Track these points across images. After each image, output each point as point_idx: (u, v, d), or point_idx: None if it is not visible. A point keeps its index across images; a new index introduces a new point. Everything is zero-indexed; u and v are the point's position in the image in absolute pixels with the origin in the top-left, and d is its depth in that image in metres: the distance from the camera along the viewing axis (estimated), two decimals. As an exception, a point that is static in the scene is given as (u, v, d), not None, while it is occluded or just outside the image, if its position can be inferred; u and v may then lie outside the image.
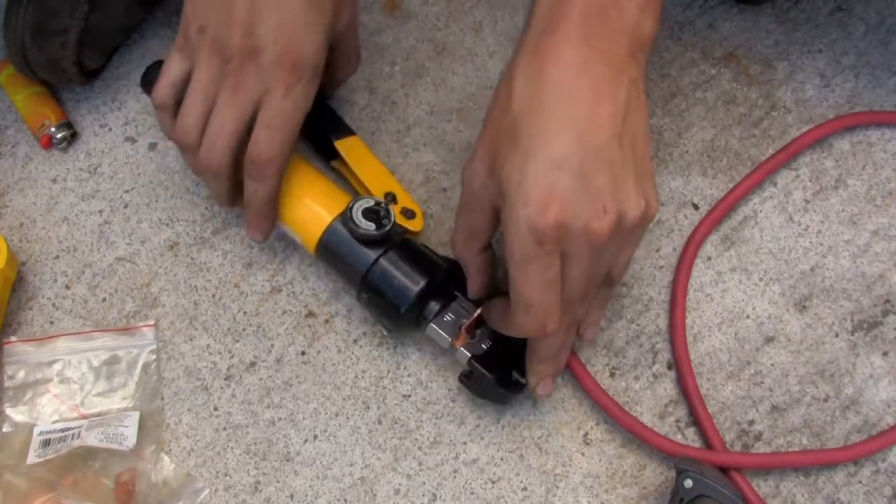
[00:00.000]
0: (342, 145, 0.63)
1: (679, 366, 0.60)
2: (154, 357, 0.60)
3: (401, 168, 0.66)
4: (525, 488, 0.58)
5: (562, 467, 0.58)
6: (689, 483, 0.53)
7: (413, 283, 0.56)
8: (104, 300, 0.62)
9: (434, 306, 0.57)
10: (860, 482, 0.58)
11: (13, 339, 0.60)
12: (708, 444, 0.58)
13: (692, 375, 0.60)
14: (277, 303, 0.62)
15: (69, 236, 0.64)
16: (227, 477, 0.58)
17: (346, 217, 0.56)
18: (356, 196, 0.58)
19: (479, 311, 0.56)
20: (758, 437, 0.59)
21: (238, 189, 0.57)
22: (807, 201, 0.66)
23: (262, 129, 0.54)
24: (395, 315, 0.56)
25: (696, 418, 0.59)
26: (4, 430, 0.58)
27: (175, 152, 0.67)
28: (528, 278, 0.47)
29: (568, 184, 0.44)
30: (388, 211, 0.57)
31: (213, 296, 0.63)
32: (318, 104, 0.61)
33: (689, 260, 0.63)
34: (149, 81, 0.61)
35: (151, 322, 0.61)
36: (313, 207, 0.58)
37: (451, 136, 0.68)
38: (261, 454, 0.58)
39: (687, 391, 0.59)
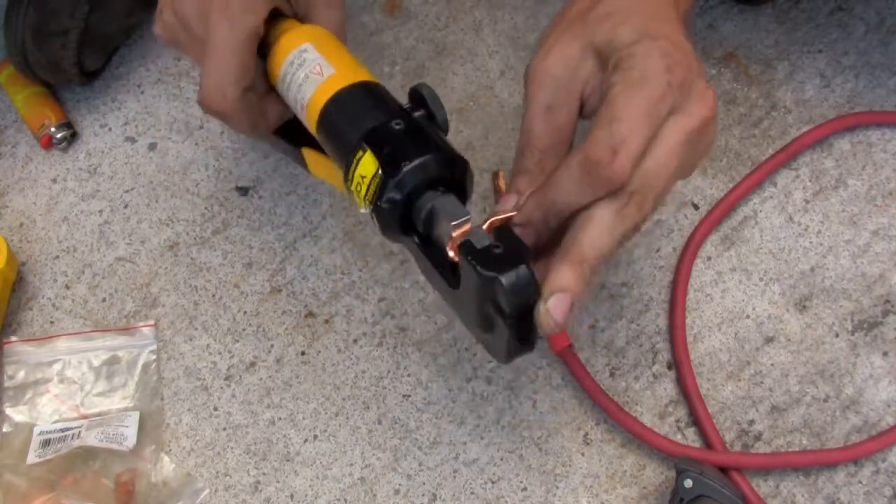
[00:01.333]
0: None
1: (679, 366, 0.60)
2: (154, 357, 0.60)
3: (401, 168, 0.66)
4: (525, 488, 0.58)
5: (562, 467, 0.58)
6: (689, 483, 0.53)
7: (436, 145, 0.45)
8: (104, 300, 0.62)
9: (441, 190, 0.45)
10: (860, 482, 0.58)
11: (13, 338, 0.61)
12: (708, 444, 0.58)
13: (692, 375, 0.60)
14: (277, 303, 0.62)
15: (69, 236, 0.64)
16: (227, 477, 0.58)
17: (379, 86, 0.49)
18: None
19: (491, 219, 0.45)
20: (758, 437, 0.59)
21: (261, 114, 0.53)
22: (807, 201, 0.66)
23: (203, 67, 0.49)
24: (395, 171, 0.44)
25: (696, 418, 0.59)
26: (4, 429, 0.58)
27: (175, 152, 0.67)
28: (634, 96, 0.43)
29: (688, 48, 0.44)
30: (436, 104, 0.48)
31: (213, 296, 0.63)
32: None
33: (689, 260, 0.63)
34: None
35: (151, 322, 0.61)
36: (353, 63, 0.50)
37: (451, 136, 0.68)
38: (261, 454, 0.58)
39: (687, 391, 0.59)
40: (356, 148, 0.45)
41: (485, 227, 0.44)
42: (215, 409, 0.60)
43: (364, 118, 0.46)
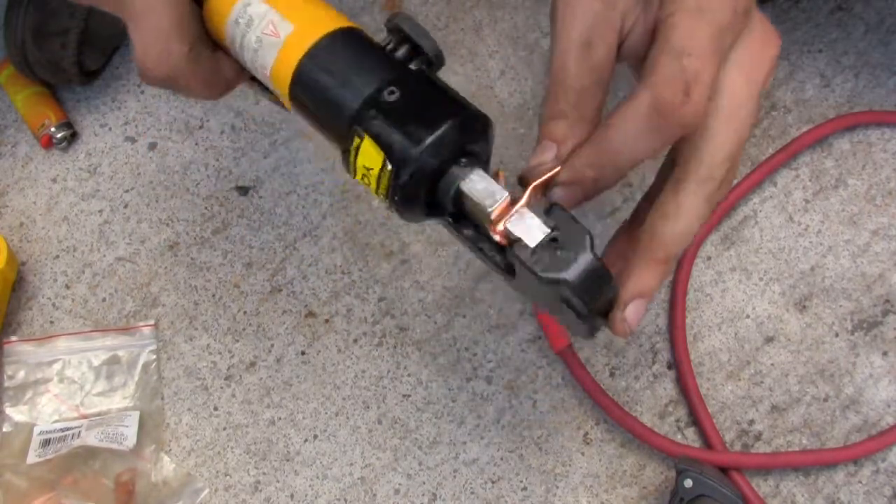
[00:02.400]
0: None
1: (679, 366, 0.60)
2: (154, 357, 0.60)
3: (401, 168, 0.66)
4: (525, 488, 0.58)
5: (562, 467, 0.58)
6: (688, 483, 0.53)
7: (444, 109, 0.38)
8: (104, 300, 0.62)
9: (466, 163, 0.39)
10: (860, 482, 0.58)
11: (13, 338, 0.60)
12: (708, 444, 0.58)
13: (692, 375, 0.60)
14: (277, 302, 0.62)
15: (69, 236, 0.64)
16: (227, 477, 0.58)
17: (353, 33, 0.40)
18: None
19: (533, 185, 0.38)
20: (758, 437, 0.59)
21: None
22: (807, 201, 0.66)
23: (135, 31, 0.41)
24: (404, 160, 0.37)
25: (696, 418, 0.59)
26: (4, 429, 0.58)
27: (175, 151, 0.67)
28: (698, 24, 0.36)
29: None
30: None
31: (213, 295, 0.63)
32: None
33: (690, 259, 0.63)
34: None
35: (151, 322, 0.61)
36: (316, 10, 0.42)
37: (451, 135, 0.68)
38: (261, 454, 0.58)
39: (687, 391, 0.59)
40: (350, 135, 0.38)
41: (524, 199, 0.37)
42: (215, 408, 0.60)
43: (347, 91, 0.39)
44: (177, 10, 0.40)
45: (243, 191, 0.66)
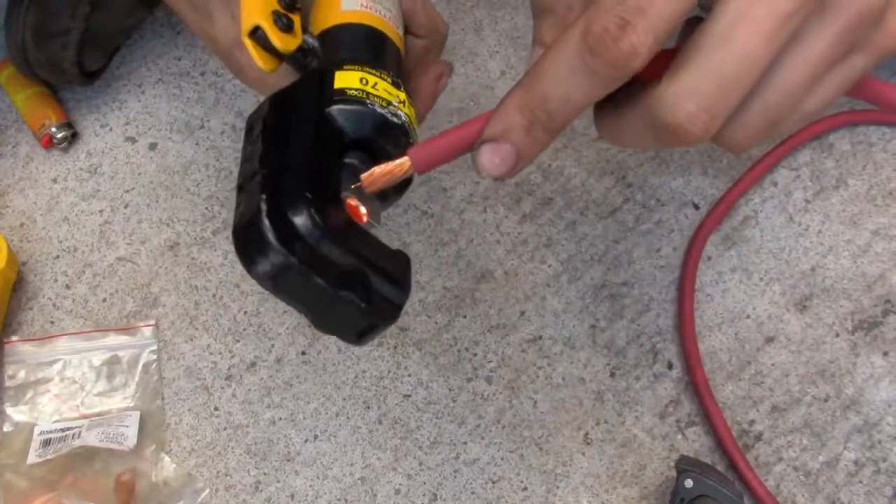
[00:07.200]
0: None
1: (688, 360, 0.60)
2: (155, 357, 0.60)
3: (401, 168, 0.66)
4: (525, 488, 0.58)
5: (562, 467, 0.58)
6: (689, 483, 0.53)
7: None
8: (105, 300, 0.62)
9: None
10: (860, 482, 0.58)
11: (14, 338, 0.61)
12: (717, 440, 0.58)
13: (701, 370, 0.60)
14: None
15: (69, 236, 0.64)
16: (228, 477, 0.58)
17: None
18: None
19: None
20: (758, 437, 0.59)
21: None
22: (807, 201, 0.66)
23: None
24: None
25: (705, 413, 0.59)
26: (5, 429, 0.58)
27: (175, 151, 0.67)
28: (758, 20, 0.28)
29: None
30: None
31: (214, 295, 0.63)
32: None
33: (694, 258, 0.63)
34: None
35: (152, 322, 0.61)
36: None
37: (451, 136, 0.68)
38: (261, 454, 0.58)
39: (696, 386, 0.59)
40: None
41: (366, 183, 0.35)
42: (216, 408, 0.60)
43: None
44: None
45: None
